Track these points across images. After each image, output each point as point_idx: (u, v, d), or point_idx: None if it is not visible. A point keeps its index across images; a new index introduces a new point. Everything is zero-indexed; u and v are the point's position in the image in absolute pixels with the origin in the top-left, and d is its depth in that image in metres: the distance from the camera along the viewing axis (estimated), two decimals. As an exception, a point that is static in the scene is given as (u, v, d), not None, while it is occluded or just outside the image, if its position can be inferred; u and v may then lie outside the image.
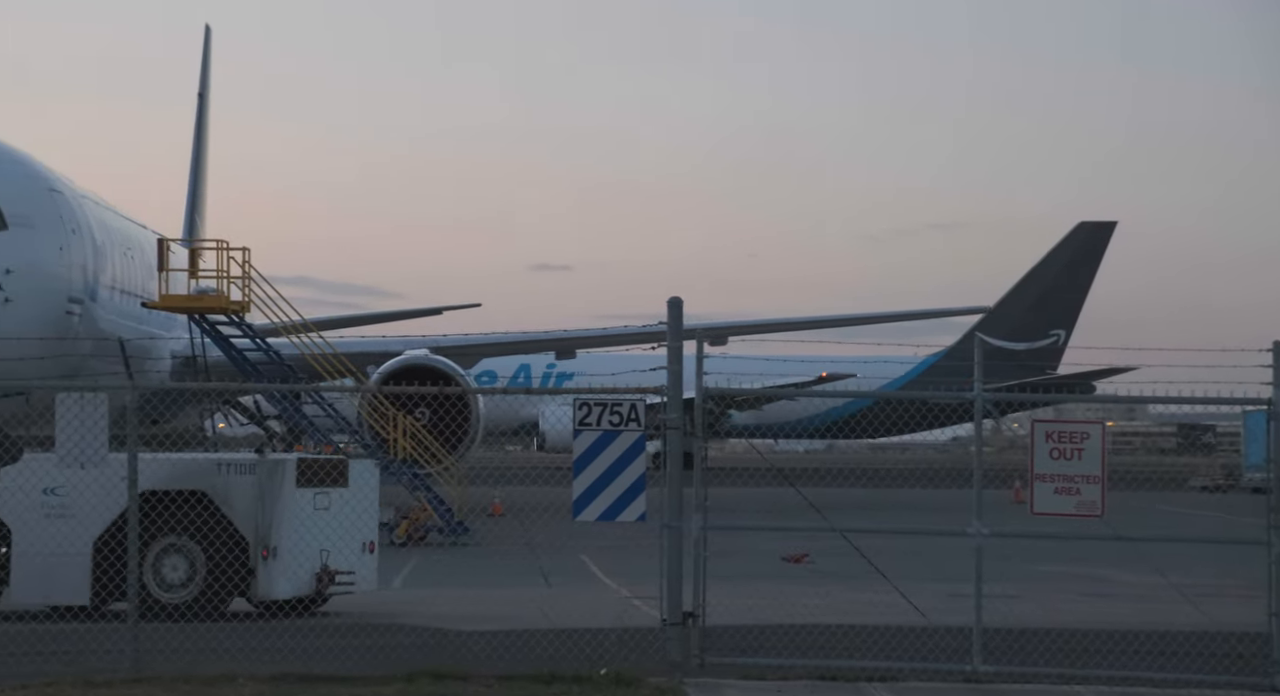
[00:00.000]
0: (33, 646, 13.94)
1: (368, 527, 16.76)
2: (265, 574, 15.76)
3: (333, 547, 16.20)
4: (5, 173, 26.39)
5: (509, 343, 39.11)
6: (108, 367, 28.76)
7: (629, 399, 13.47)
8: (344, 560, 16.33)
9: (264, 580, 15.79)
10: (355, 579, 16.38)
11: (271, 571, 15.78)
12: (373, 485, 16.86)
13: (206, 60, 49.40)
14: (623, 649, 13.35)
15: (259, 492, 15.84)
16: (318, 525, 16.09)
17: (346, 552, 16.37)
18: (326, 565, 16.17)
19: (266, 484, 15.87)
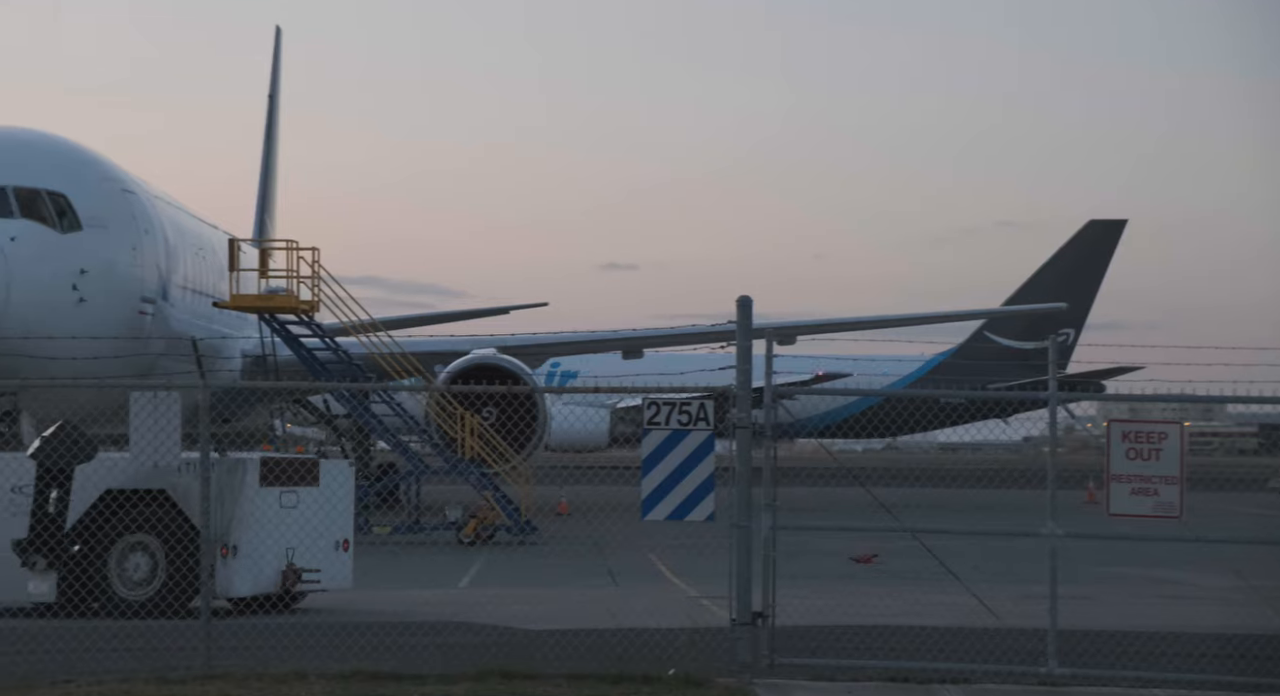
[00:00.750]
0: (108, 642, 14.07)
1: (341, 526, 16.84)
2: (224, 571, 15.93)
3: (301, 546, 16.38)
4: (80, 174, 26.69)
5: (576, 342, 39.13)
6: (179, 367, 29.04)
7: (698, 398, 13.42)
8: (314, 558, 16.48)
9: (222, 578, 15.95)
10: (322, 577, 16.52)
11: (231, 569, 15.98)
12: (346, 485, 16.98)
13: (277, 61, 49.82)
14: (691, 649, 13.28)
15: (217, 491, 15.86)
16: (284, 523, 16.29)
17: (318, 551, 16.51)
18: (292, 563, 16.36)
19: (226, 483, 16.05)
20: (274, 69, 49.80)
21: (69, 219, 25.64)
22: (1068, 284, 59.82)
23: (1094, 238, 61.37)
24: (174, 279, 29.17)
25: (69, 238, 25.55)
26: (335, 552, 16.74)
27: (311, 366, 30.08)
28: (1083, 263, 60.69)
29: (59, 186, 25.80)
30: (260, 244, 37.20)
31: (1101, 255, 61.08)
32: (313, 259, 29.69)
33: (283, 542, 16.32)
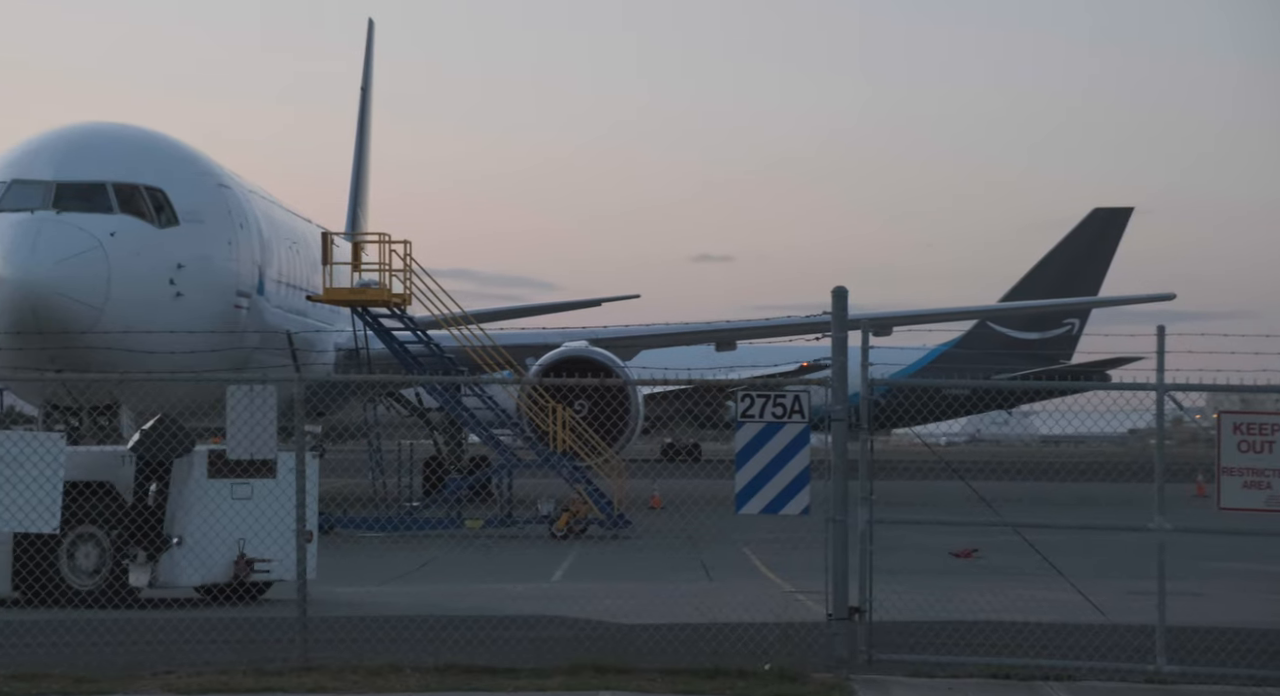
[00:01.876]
0: (206, 634, 14.22)
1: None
2: (168, 562, 16.24)
3: (257, 537, 16.55)
4: (177, 169, 26.96)
5: (668, 334, 39.03)
6: (274, 360, 29.29)
7: (793, 390, 13.29)
8: (272, 549, 16.62)
9: (165, 568, 16.28)
10: (280, 567, 16.62)
11: (175, 559, 16.26)
12: (312, 478, 16.72)
13: (369, 55, 50.12)
14: (787, 644, 13.16)
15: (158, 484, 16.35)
16: (236, 515, 16.52)
17: (276, 542, 16.62)
18: (244, 553, 16.55)
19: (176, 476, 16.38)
20: (366, 62, 50.13)
21: (166, 214, 25.90)
22: (1073, 273, 58.40)
23: (1100, 226, 59.86)
24: (268, 273, 29.40)
25: (166, 233, 25.80)
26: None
27: (404, 359, 30.22)
28: (1088, 251, 59.18)
29: (157, 182, 26.06)
30: (353, 237, 37.46)
31: (1108, 243, 59.53)
32: (405, 252, 29.83)
33: (234, 533, 16.57)
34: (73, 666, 12.48)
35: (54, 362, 23.71)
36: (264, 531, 16.61)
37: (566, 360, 32.76)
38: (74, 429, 24.21)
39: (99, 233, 24.63)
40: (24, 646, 13.54)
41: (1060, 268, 59.02)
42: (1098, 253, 59.19)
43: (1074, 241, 59.88)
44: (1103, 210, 60.20)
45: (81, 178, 25.25)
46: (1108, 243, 59.39)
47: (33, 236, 24.18)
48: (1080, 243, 59.59)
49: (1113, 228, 59.74)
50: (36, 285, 23.74)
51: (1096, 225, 59.78)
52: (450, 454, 35.73)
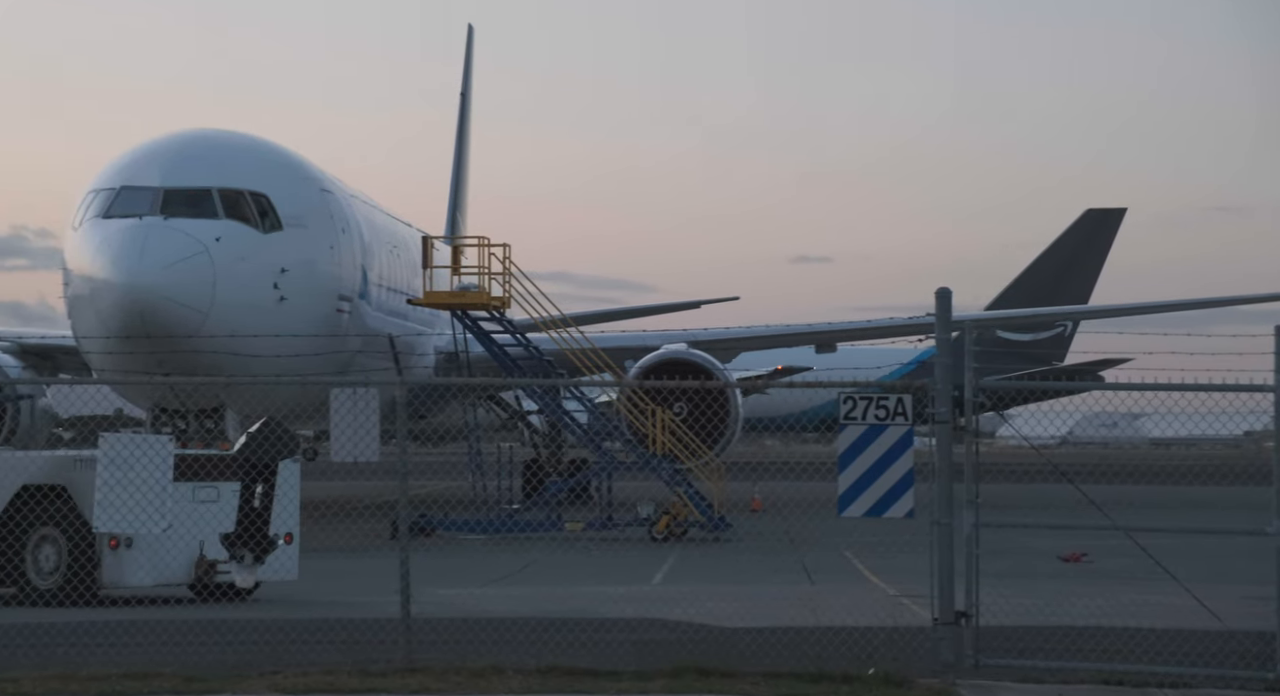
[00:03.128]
0: (311, 636, 14.35)
1: (282, 520, 17.11)
2: (114, 563, 16.75)
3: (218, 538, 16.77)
4: (280, 175, 27.28)
5: (768, 336, 38.86)
6: (375, 363, 29.52)
7: (896, 392, 13.18)
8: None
9: (111, 569, 16.79)
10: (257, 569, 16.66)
11: (123, 560, 16.69)
12: (289, 481, 17.18)
13: (469, 60, 50.42)
14: (892, 648, 13.02)
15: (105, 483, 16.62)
16: (199, 517, 16.87)
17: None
18: (204, 555, 16.91)
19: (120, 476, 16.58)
20: (466, 67, 50.42)
21: (270, 219, 26.20)
22: (1065, 274, 57.62)
23: (1092, 227, 59.05)
24: (370, 277, 29.66)
25: (270, 237, 26.10)
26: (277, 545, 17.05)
27: (503, 362, 30.32)
28: (1081, 252, 58.39)
29: (261, 187, 26.38)
30: (453, 241, 37.65)
31: (1100, 245, 58.71)
32: (504, 255, 29.94)
33: (194, 535, 16.89)
34: (182, 665, 12.64)
35: (161, 366, 24.07)
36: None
37: (666, 362, 32.68)
38: (181, 431, 24.55)
39: (205, 238, 24.97)
40: (134, 645, 13.74)
41: (1052, 270, 58.37)
42: (1090, 254, 58.58)
43: (1066, 242, 59.23)
44: (1095, 211, 59.57)
45: (188, 184, 25.63)
46: (1100, 243, 58.78)
47: (141, 242, 24.58)
48: (1072, 244, 58.92)
49: (1105, 229, 59.18)
50: (144, 290, 24.12)
51: (1089, 227, 59.19)
52: (550, 457, 35.83)
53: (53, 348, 33.25)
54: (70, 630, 14.48)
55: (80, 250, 25.33)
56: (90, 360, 26.61)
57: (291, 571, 17.64)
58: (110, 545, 16.86)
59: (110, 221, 25.08)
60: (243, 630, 14.72)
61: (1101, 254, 58.50)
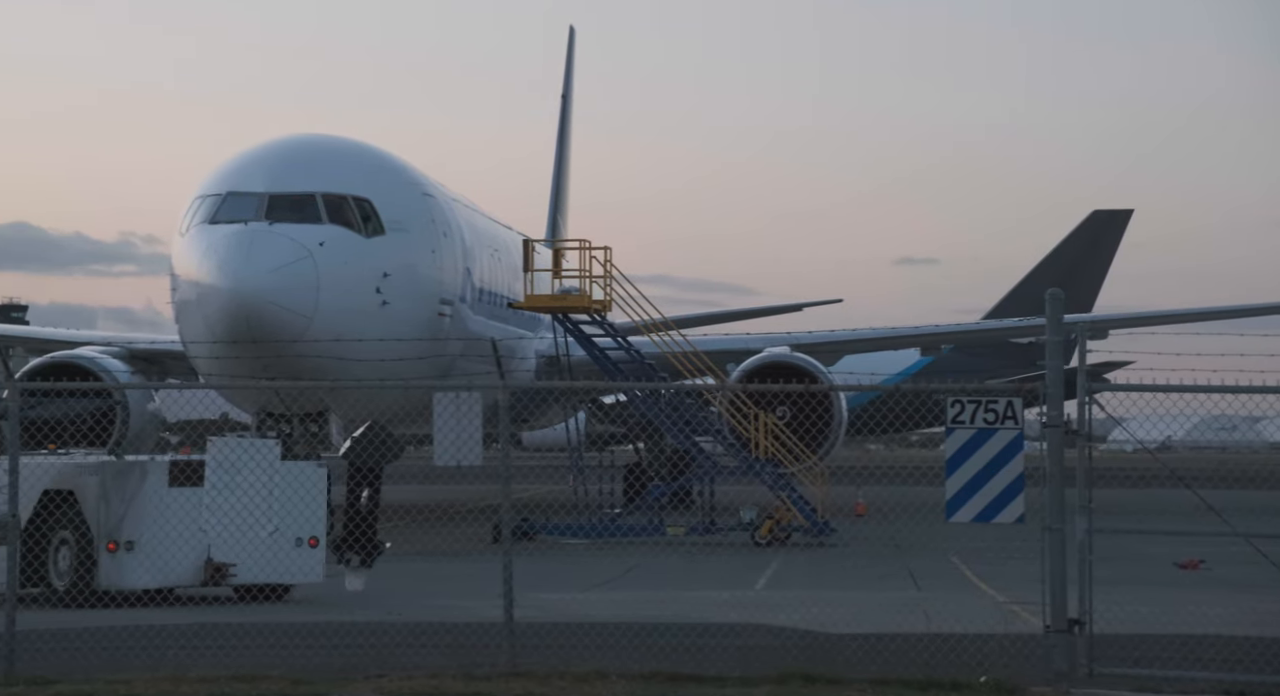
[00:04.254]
0: (416, 639, 14.40)
1: (303, 524, 17.42)
2: (113, 566, 17.25)
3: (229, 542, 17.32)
4: (382, 179, 27.45)
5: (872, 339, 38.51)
6: (477, 367, 29.61)
7: (1005, 395, 12.96)
8: (259, 554, 17.35)
9: (110, 571, 17.26)
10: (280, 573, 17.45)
11: (122, 563, 17.17)
12: (315, 485, 17.48)
13: (570, 62, 50.49)
14: (1003, 656, 12.79)
15: (102, 492, 17.36)
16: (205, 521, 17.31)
17: (265, 547, 17.36)
18: (211, 558, 17.36)
19: (115, 484, 17.33)
20: (567, 69, 50.50)
21: (373, 223, 26.36)
22: (1072, 276, 56.39)
23: (1098, 228, 58.27)
24: (471, 280, 29.77)
25: (373, 242, 26.26)
26: (296, 549, 17.54)
27: (604, 366, 30.28)
28: (1087, 254, 57.65)
29: (363, 192, 26.56)
30: (553, 244, 37.75)
31: (1107, 246, 57.95)
32: (605, 258, 29.90)
33: (200, 539, 17.36)
34: (289, 668, 12.74)
35: (266, 371, 24.28)
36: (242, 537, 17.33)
37: (768, 366, 32.47)
38: (286, 435, 24.75)
39: (309, 243, 25.17)
40: (241, 648, 13.86)
41: (1059, 271, 57.42)
42: (1096, 254, 57.93)
43: (1072, 244, 58.61)
44: (1102, 212, 58.87)
45: (292, 189, 25.86)
46: (1107, 245, 58.12)
47: (246, 247, 24.84)
48: (1079, 245, 58.31)
49: (1111, 230, 58.47)
50: (249, 295, 24.36)
51: (1095, 228, 58.54)
52: (651, 460, 35.75)
53: (161, 352, 33.73)
54: (180, 632, 14.65)
55: (187, 256, 25.65)
56: (197, 365, 26.94)
57: (316, 574, 17.92)
58: (108, 548, 17.36)
59: (216, 227, 25.36)
60: (347, 633, 14.80)
61: (1108, 255, 58.13)
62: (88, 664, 12.95)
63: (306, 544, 17.60)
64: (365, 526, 16.03)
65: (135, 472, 17.50)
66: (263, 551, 17.40)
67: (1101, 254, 57.91)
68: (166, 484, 17.57)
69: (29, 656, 12.92)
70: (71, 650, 13.64)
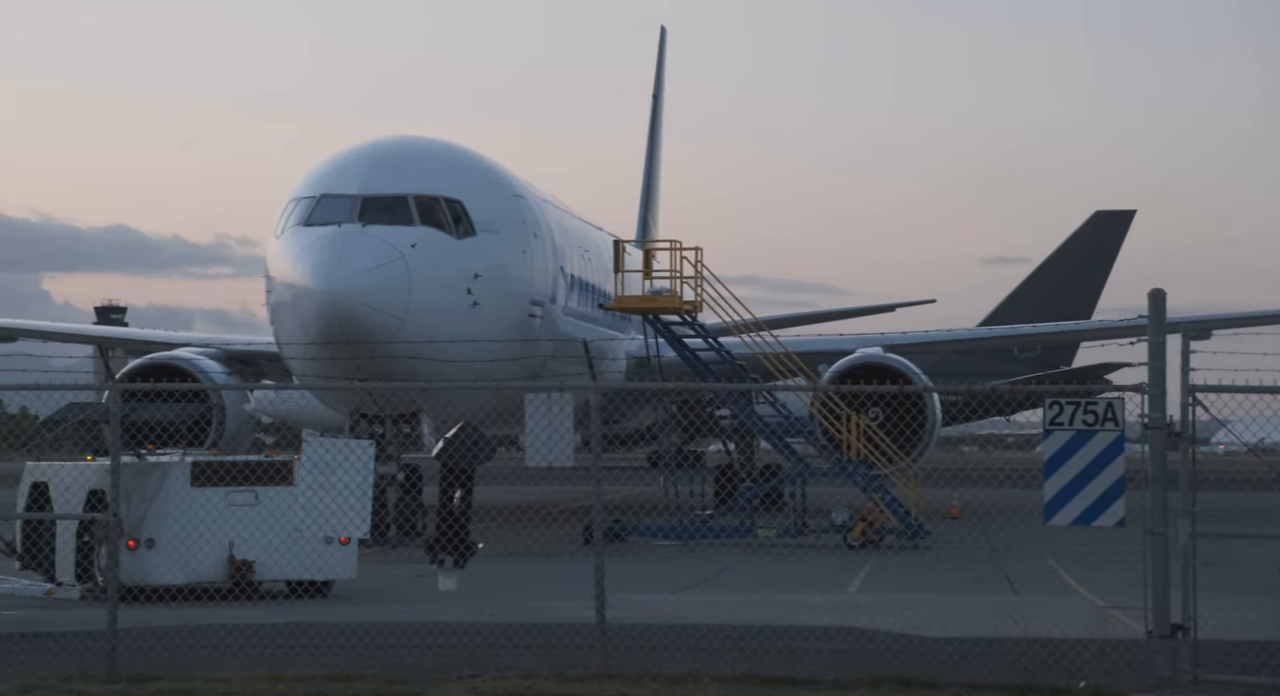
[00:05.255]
0: (509, 640, 14.43)
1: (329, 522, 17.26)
2: (135, 562, 17.71)
3: (255, 540, 17.90)
4: (474, 181, 27.52)
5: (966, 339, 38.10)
6: (567, 368, 29.61)
7: (1105, 396, 12.76)
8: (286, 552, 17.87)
9: (132, 568, 17.62)
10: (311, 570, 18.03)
11: (144, 560, 17.63)
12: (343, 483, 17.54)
13: (661, 62, 50.42)
14: (1103, 661, 12.59)
15: (124, 492, 17.08)
16: (230, 520, 17.85)
17: (294, 545, 17.78)
18: (234, 555, 17.97)
19: (135, 484, 17.76)
20: (658, 69, 50.43)
21: (464, 225, 26.43)
22: (1075, 277, 56.11)
23: (1101, 229, 57.40)
24: (561, 281, 29.77)
25: (464, 243, 26.33)
26: (328, 547, 17.98)
27: (695, 367, 30.17)
28: (1089, 255, 56.85)
29: (455, 193, 26.63)
30: (644, 244, 37.69)
31: (1109, 248, 57.15)
32: (696, 259, 29.79)
33: (223, 537, 17.87)
34: (383, 667, 12.82)
35: (359, 372, 24.41)
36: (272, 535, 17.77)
37: (860, 366, 32.21)
38: (379, 436, 24.87)
39: (400, 244, 25.29)
40: (336, 647, 13.95)
41: (1061, 272, 57.21)
42: (1099, 256, 57.27)
43: (1074, 245, 57.93)
44: (1105, 213, 58.25)
45: (385, 191, 25.99)
46: (1109, 245, 57.50)
47: (339, 249, 25.00)
48: (1081, 246, 57.64)
49: (1114, 231, 57.83)
50: (342, 296, 24.51)
51: (1098, 228, 57.88)
52: (742, 462, 35.59)
53: (256, 354, 34.08)
54: (275, 631, 14.78)
55: (282, 258, 25.86)
56: (291, 366, 27.16)
57: (350, 571, 18.43)
58: (129, 545, 17.78)
59: (310, 229, 25.55)
60: (440, 633, 14.86)
61: (1110, 256, 57.63)
62: (187, 662, 13.11)
63: (335, 543, 18.04)
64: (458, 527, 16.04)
65: (155, 473, 18.08)
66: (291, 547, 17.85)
67: (1104, 255, 57.58)
68: (189, 484, 18.14)
69: (130, 654, 13.10)
70: (171, 648, 13.83)
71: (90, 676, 12.51)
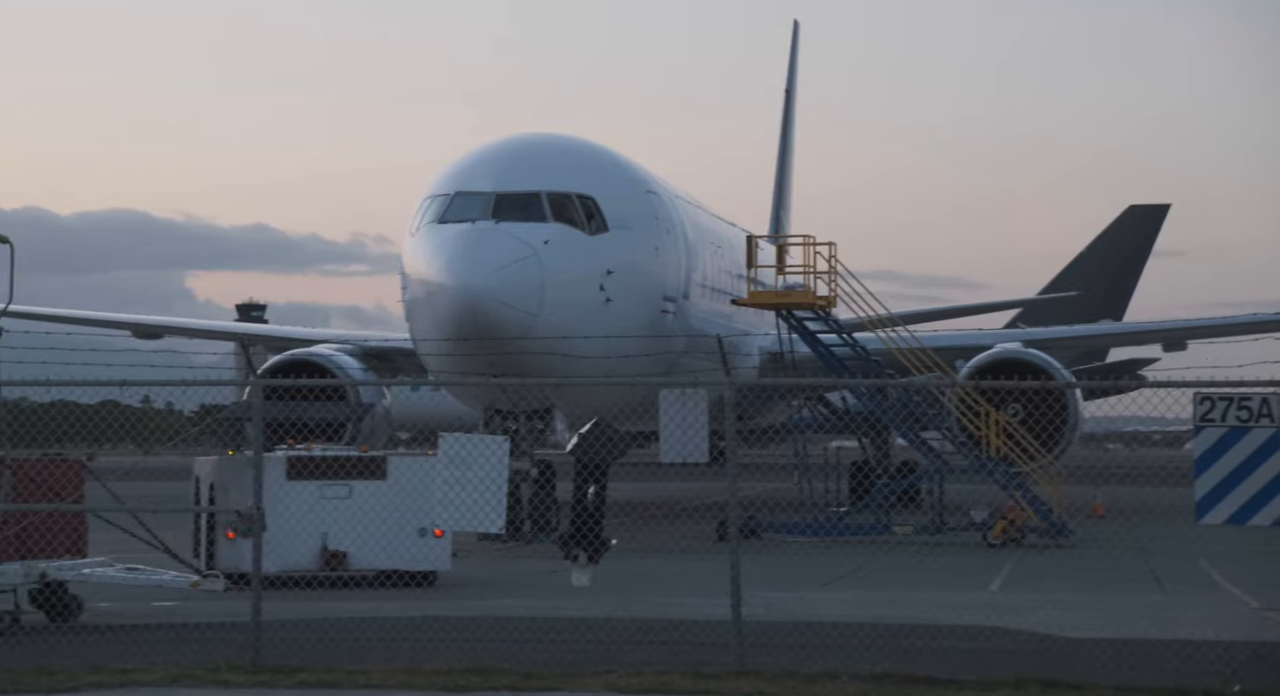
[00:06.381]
0: (643, 636, 14.40)
1: (423, 515, 18.38)
2: (231, 551, 18.49)
3: (347, 531, 18.67)
4: (606, 177, 27.51)
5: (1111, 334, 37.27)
6: (700, 364, 29.48)
7: (1259, 392, 12.34)
8: (378, 544, 18.49)
9: (228, 556, 18.50)
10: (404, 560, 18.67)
11: (240, 549, 17.99)
12: (428, 478, 18.15)
13: (794, 56, 50.08)
14: (1258, 666, 12.24)
15: (222, 484, 18.97)
16: (323, 512, 18.53)
17: (383, 537, 18.46)
18: (326, 546, 18.59)
19: (233, 477, 18.64)
20: (791, 64, 50.10)
21: (597, 221, 26.42)
22: (1110, 270, 55.17)
23: (1134, 224, 56.50)
24: (693, 277, 29.65)
25: (596, 240, 26.31)
26: (421, 539, 18.70)
27: (829, 363, 29.87)
28: (1123, 250, 55.92)
29: (587, 189, 26.64)
30: (776, 240, 37.43)
31: (1143, 242, 56.47)
32: (829, 254, 29.52)
33: (317, 528, 18.52)
34: (520, 662, 12.85)
35: (493, 368, 24.50)
36: (362, 527, 18.51)
37: (999, 362, 31.65)
38: (512, 432, 24.94)
39: (534, 241, 25.33)
40: (474, 641, 14.04)
41: (1096, 265, 56.28)
42: (1132, 250, 56.54)
43: (1108, 240, 57.11)
44: (1139, 207, 57.48)
45: (518, 188, 26.06)
46: (1143, 240, 56.97)
47: (473, 246, 25.12)
48: (1114, 241, 56.79)
49: (1148, 225, 57.11)
50: (476, 293, 24.62)
51: (1132, 222, 57.04)
52: (877, 458, 35.20)
53: (391, 350, 34.43)
54: (413, 625, 14.90)
55: (417, 255, 26.06)
56: (426, 362, 27.38)
57: (444, 563, 19.00)
58: (228, 536, 18.55)
59: (445, 226, 25.71)
60: (576, 629, 14.85)
61: (1144, 251, 57.21)
62: (328, 653, 13.26)
63: (428, 534, 18.66)
64: (591, 523, 16.00)
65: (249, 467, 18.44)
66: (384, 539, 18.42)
67: (1138, 249, 57.23)
68: (284, 477, 18.77)
69: (273, 645, 13.29)
70: (314, 640, 14.00)
71: (236, 667, 12.72)
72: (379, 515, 18.62)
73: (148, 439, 46.45)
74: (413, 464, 19.42)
